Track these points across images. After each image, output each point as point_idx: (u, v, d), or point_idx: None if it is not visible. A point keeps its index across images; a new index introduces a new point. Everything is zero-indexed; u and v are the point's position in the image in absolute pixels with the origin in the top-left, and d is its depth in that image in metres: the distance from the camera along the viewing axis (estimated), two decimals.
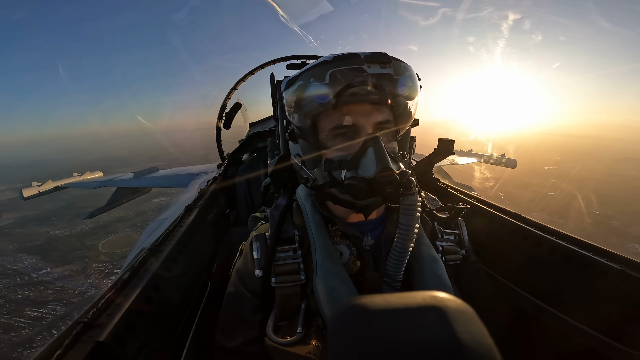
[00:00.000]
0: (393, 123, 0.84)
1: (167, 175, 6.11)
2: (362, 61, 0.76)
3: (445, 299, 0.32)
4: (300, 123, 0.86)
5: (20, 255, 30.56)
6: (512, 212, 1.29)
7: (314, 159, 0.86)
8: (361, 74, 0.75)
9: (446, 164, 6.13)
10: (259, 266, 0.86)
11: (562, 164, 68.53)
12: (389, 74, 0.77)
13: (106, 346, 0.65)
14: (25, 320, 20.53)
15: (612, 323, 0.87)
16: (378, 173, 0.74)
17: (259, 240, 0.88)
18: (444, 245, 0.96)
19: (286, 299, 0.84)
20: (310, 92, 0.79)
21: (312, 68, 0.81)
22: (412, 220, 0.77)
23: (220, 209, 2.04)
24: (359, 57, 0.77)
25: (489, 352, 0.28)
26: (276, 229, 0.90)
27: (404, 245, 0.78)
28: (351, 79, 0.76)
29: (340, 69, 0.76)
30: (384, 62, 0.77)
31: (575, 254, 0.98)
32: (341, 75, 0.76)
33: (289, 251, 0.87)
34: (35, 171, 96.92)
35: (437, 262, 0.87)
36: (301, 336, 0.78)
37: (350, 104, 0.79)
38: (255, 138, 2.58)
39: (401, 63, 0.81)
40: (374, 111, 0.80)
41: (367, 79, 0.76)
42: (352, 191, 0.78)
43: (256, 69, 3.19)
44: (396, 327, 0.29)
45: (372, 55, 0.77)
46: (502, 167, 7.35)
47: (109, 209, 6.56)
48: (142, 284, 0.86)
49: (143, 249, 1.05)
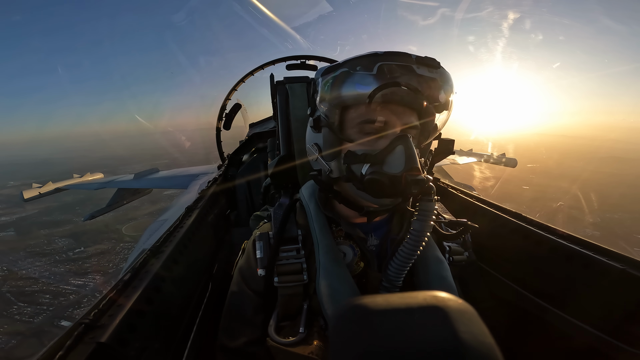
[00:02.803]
0: (419, 130, 0.83)
1: (167, 177, 6.12)
2: (413, 61, 0.75)
3: (447, 298, 0.32)
4: (329, 111, 0.83)
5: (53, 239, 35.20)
6: (513, 211, 1.29)
7: (334, 150, 0.84)
8: (409, 72, 0.74)
9: (446, 163, 6.13)
10: (261, 265, 0.85)
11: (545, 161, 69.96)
12: (435, 78, 0.76)
13: (107, 347, 0.66)
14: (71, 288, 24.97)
15: (614, 322, 0.87)
16: (407, 171, 0.73)
17: (262, 240, 0.88)
18: (450, 245, 0.95)
19: (288, 299, 0.83)
20: (353, 80, 0.77)
21: (359, 58, 0.79)
22: (425, 226, 0.75)
23: (220, 210, 2.04)
24: (410, 56, 0.76)
25: (490, 351, 0.28)
26: (279, 228, 0.89)
27: (411, 251, 0.77)
28: (398, 75, 0.74)
29: (390, 64, 0.75)
30: (433, 67, 0.76)
31: (576, 253, 0.98)
32: (389, 70, 0.74)
33: (292, 251, 0.87)
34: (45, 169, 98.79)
35: (441, 264, 0.86)
36: (303, 336, 0.77)
37: (388, 102, 0.77)
38: (255, 139, 2.59)
39: (447, 72, 0.80)
40: (407, 113, 0.79)
41: (413, 79, 0.74)
42: (373, 186, 0.76)
43: (256, 69, 3.19)
44: (397, 327, 0.30)
45: (422, 58, 0.77)
46: (503, 167, 7.35)
47: (109, 210, 6.57)
48: (143, 284, 0.86)
49: (144, 250, 1.05)
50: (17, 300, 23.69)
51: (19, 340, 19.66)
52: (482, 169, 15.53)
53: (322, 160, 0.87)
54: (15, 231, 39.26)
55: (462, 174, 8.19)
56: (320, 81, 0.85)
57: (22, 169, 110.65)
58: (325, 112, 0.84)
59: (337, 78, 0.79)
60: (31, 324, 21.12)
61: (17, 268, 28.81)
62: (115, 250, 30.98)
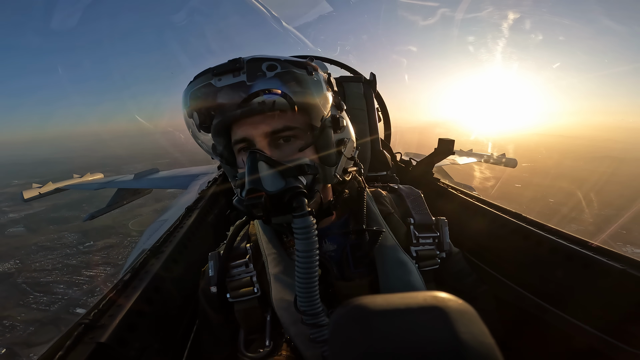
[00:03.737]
0: (300, 129, 0.76)
1: (167, 177, 6.11)
2: (211, 75, 0.71)
3: (447, 299, 0.32)
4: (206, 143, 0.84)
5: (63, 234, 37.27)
6: (513, 211, 1.29)
7: (231, 175, 0.84)
8: (211, 89, 0.71)
9: (446, 163, 6.12)
10: (213, 283, 0.86)
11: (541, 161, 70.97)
12: (241, 81, 0.69)
13: (107, 347, 0.66)
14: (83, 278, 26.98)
15: (614, 322, 0.86)
16: (247, 195, 0.68)
17: (213, 259, 0.90)
18: (418, 251, 0.89)
19: (246, 313, 0.82)
20: (188, 119, 0.79)
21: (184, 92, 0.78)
22: (308, 244, 0.66)
23: (220, 210, 2.04)
24: (210, 72, 0.72)
25: (490, 352, 0.28)
26: (227, 244, 0.89)
27: (307, 276, 0.66)
28: (205, 97, 0.72)
29: (195, 89, 0.73)
30: (235, 70, 0.70)
31: (576, 253, 0.97)
32: (196, 96, 0.73)
33: (241, 266, 0.86)
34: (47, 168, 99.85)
35: (404, 267, 0.81)
36: (269, 350, 0.76)
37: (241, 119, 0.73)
38: None
39: (262, 63, 0.70)
40: (263, 121, 0.72)
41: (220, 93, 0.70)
42: (242, 212, 0.73)
43: None
44: (397, 328, 0.29)
45: (221, 65, 0.71)
46: (503, 167, 7.35)
47: (109, 210, 6.57)
48: (143, 285, 0.86)
49: (144, 250, 1.05)
50: (33, 290, 25.60)
51: (37, 327, 21.17)
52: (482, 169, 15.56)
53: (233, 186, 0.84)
54: (24, 227, 41.11)
55: (462, 174, 8.21)
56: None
57: (24, 168, 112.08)
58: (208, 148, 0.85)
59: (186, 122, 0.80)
60: (47, 312, 22.90)
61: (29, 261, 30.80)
62: (124, 244, 32.67)
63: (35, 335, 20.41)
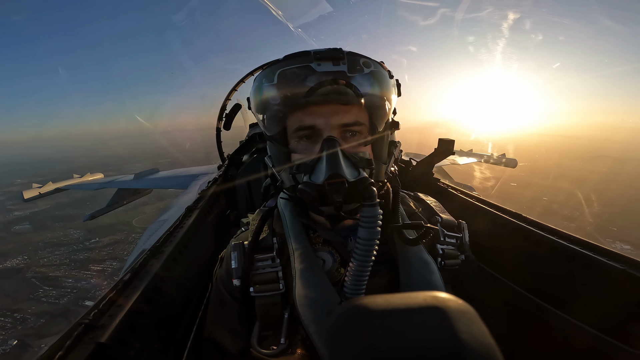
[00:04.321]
0: (365, 126, 0.79)
1: (167, 177, 6.12)
2: (312, 58, 0.72)
3: (447, 299, 0.32)
4: (267, 125, 0.84)
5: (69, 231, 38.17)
6: (513, 211, 1.29)
7: (281, 160, 0.83)
8: (311, 72, 0.72)
9: (446, 164, 6.12)
10: (236, 275, 0.82)
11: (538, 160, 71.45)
12: (341, 71, 0.72)
13: (107, 347, 0.65)
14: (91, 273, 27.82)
15: (614, 322, 0.86)
16: (326, 180, 0.69)
17: (237, 250, 0.85)
18: (444, 249, 0.89)
19: (266, 308, 0.80)
20: (264, 94, 0.78)
21: (265, 68, 0.79)
22: (372, 233, 0.68)
23: (220, 210, 2.04)
24: (309, 54, 0.73)
25: (490, 352, 0.28)
26: (254, 237, 0.86)
27: (363, 264, 0.69)
28: (301, 78, 0.72)
29: (289, 69, 0.73)
30: (336, 59, 0.72)
31: (577, 254, 0.97)
32: (290, 75, 0.73)
33: (267, 260, 0.83)
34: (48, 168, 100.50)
35: (427, 266, 0.81)
36: (284, 347, 0.74)
37: (312, 105, 0.74)
38: (255, 139, 2.59)
39: (360, 58, 0.75)
40: (337, 112, 0.75)
41: (320, 77, 0.71)
42: (305, 198, 0.73)
43: (256, 69, 3.19)
44: (398, 328, 0.29)
45: (323, 51, 0.73)
46: (503, 167, 7.35)
47: (109, 210, 6.57)
48: (143, 285, 0.86)
49: (144, 250, 1.05)
50: (42, 284, 26.36)
51: (47, 319, 21.84)
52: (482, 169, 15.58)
53: (274, 171, 0.86)
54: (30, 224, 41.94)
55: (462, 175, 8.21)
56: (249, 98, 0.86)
57: (26, 167, 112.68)
58: (263, 125, 0.84)
59: (254, 94, 0.81)
60: (57, 305, 23.60)
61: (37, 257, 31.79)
62: (128, 240, 33.65)
63: (46, 327, 20.98)
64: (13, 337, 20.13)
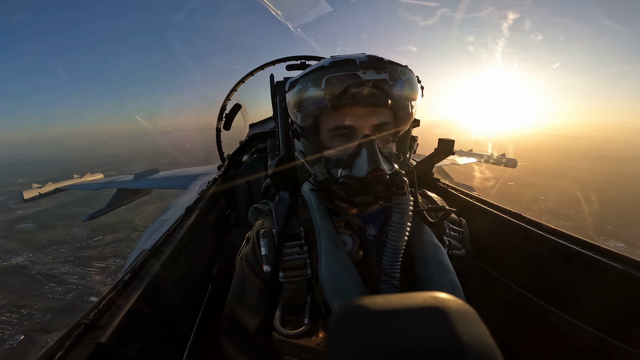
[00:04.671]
0: (392, 124, 0.87)
1: (167, 177, 6.11)
2: (358, 67, 0.80)
3: (446, 299, 0.32)
4: (302, 122, 0.91)
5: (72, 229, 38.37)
6: (513, 211, 1.29)
7: (314, 156, 0.92)
8: (356, 79, 0.79)
9: (446, 164, 6.12)
10: (267, 262, 0.88)
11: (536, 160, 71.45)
12: (384, 79, 0.81)
13: (107, 347, 0.65)
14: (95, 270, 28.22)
15: (614, 322, 0.86)
16: (369, 173, 0.79)
17: (266, 237, 0.91)
18: (450, 240, 0.97)
19: (294, 293, 0.86)
20: (309, 96, 0.85)
21: (310, 73, 0.86)
22: (404, 218, 0.80)
23: (220, 210, 2.04)
24: (354, 62, 0.81)
25: (490, 352, 0.28)
26: (283, 225, 0.92)
27: (397, 243, 0.80)
28: (347, 84, 0.80)
29: (336, 75, 0.81)
30: (380, 68, 0.81)
31: (577, 254, 0.97)
32: (337, 81, 0.81)
33: (296, 247, 0.90)
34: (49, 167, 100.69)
35: (439, 249, 0.88)
36: (308, 327, 0.80)
37: (348, 107, 0.83)
38: (255, 139, 2.59)
39: (398, 67, 0.84)
40: (371, 114, 0.84)
41: (363, 84, 0.80)
42: (346, 189, 0.83)
43: (256, 70, 3.19)
44: (397, 328, 0.29)
45: (367, 61, 0.81)
46: (503, 167, 7.35)
47: (109, 210, 6.57)
48: (143, 285, 0.86)
49: (144, 250, 1.05)
50: (48, 281, 26.69)
51: (53, 315, 22.15)
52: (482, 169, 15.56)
53: (307, 165, 0.95)
54: (34, 223, 42.20)
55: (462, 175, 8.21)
56: (287, 96, 0.94)
57: (27, 167, 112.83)
58: (299, 124, 0.92)
59: (297, 95, 0.88)
60: (63, 301, 23.93)
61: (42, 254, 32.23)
62: (131, 238, 34.08)
63: (52, 322, 21.22)
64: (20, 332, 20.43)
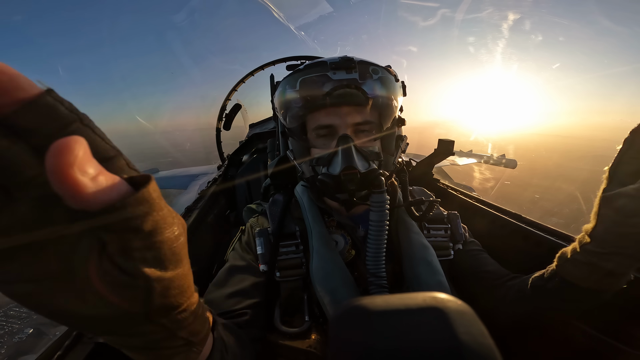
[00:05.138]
0: (375, 124, 0.89)
1: (167, 177, 6.12)
2: (328, 68, 0.84)
3: (446, 299, 0.32)
4: (289, 123, 0.95)
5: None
6: (513, 212, 1.29)
7: (302, 154, 0.95)
8: (327, 80, 0.84)
9: (446, 164, 6.13)
10: (263, 261, 0.87)
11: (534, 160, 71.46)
12: (353, 78, 0.84)
13: (106, 347, 0.65)
14: None
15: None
16: (342, 171, 0.80)
17: (262, 236, 0.91)
18: (431, 242, 0.93)
19: (290, 292, 0.87)
20: (287, 98, 0.90)
21: (289, 75, 0.91)
22: (381, 216, 0.79)
23: (220, 210, 2.04)
24: (325, 64, 0.85)
25: (489, 352, 0.28)
26: (278, 224, 0.93)
27: (377, 241, 0.79)
28: (319, 85, 0.84)
29: (309, 77, 0.86)
30: (349, 68, 0.84)
31: None
32: (309, 83, 0.86)
33: (292, 246, 0.90)
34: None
35: (427, 249, 0.86)
36: (308, 325, 0.80)
37: (330, 107, 0.86)
38: (255, 139, 2.59)
39: (369, 66, 0.87)
40: (351, 112, 0.86)
41: (335, 84, 0.83)
42: (323, 186, 0.84)
43: (256, 70, 3.19)
44: (396, 328, 0.30)
45: (338, 62, 0.85)
46: (502, 168, 7.35)
47: None
48: None
49: None
50: None
51: None
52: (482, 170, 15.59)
53: (296, 164, 0.97)
54: None
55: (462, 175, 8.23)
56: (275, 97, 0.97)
57: None
58: (286, 124, 0.96)
59: (279, 96, 0.93)
60: None
61: None
62: None
63: None
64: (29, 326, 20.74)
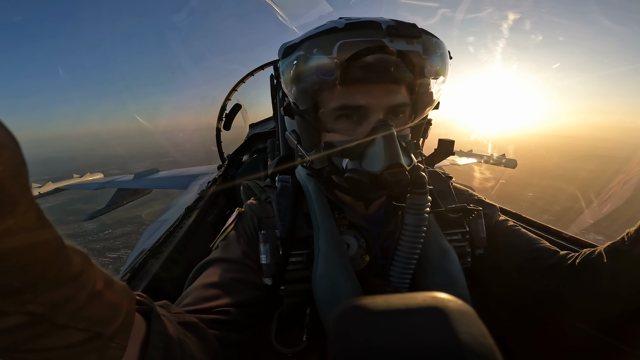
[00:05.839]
0: (409, 106, 0.70)
1: (167, 177, 6.12)
2: (384, 33, 0.60)
3: (446, 299, 0.32)
4: (299, 98, 0.70)
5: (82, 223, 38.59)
6: (513, 212, 1.29)
7: (313, 139, 0.72)
8: (381, 50, 0.60)
9: (446, 164, 6.13)
10: (267, 274, 0.70)
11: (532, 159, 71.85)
12: (416, 51, 0.62)
13: None
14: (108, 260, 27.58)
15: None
16: (386, 170, 0.61)
17: (269, 242, 0.71)
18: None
19: (292, 307, 0.73)
20: (312, 66, 0.63)
21: (316, 35, 0.64)
22: (420, 220, 0.65)
23: (220, 210, 2.04)
24: (379, 27, 0.60)
25: (489, 352, 0.28)
26: (289, 228, 0.74)
27: (411, 250, 0.66)
28: (367, 54, 0.60)
29: (354, 41, 0.60)
30: (412, 37, 0.62)
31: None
32: (355, 49, 0.60)
33: (302, 256, 0.73)
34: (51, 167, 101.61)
35: (447, 255, 0.72)
36: (305, 346, 0.70)
37: (362, 83, 0.64)
38: (255, 139, 2.59)
39: (433, 39, 0.66)
40: (390, 92, 0.65)
41: (388, 56, 0.61)
42: (353, 185, 0.66)
43: (256, 70, 3.19)
44: (397, 328, 0.30)
45: (396, 26, 0.61)
46: (502, 167, 7.35)
47: (109, 210, 6.57)
48: (142, 285, 0.86)
49: (144, 250, 1.05)
50: None
51: None
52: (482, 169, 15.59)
53: (302, 149, 0.75)
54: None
55: (462, 175, 8.23)
56: (279, 65, 0.72)
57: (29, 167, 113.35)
58: (294, 99, 0.71)
59: (295, 64, 0.66)
60: None
61: None
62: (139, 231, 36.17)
63: None
64: None
